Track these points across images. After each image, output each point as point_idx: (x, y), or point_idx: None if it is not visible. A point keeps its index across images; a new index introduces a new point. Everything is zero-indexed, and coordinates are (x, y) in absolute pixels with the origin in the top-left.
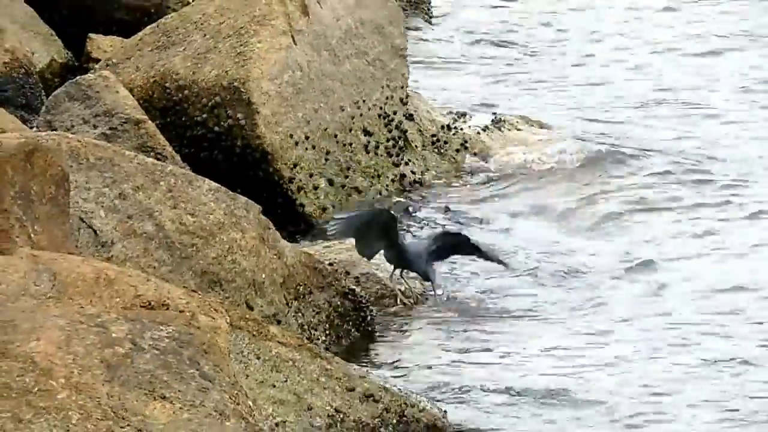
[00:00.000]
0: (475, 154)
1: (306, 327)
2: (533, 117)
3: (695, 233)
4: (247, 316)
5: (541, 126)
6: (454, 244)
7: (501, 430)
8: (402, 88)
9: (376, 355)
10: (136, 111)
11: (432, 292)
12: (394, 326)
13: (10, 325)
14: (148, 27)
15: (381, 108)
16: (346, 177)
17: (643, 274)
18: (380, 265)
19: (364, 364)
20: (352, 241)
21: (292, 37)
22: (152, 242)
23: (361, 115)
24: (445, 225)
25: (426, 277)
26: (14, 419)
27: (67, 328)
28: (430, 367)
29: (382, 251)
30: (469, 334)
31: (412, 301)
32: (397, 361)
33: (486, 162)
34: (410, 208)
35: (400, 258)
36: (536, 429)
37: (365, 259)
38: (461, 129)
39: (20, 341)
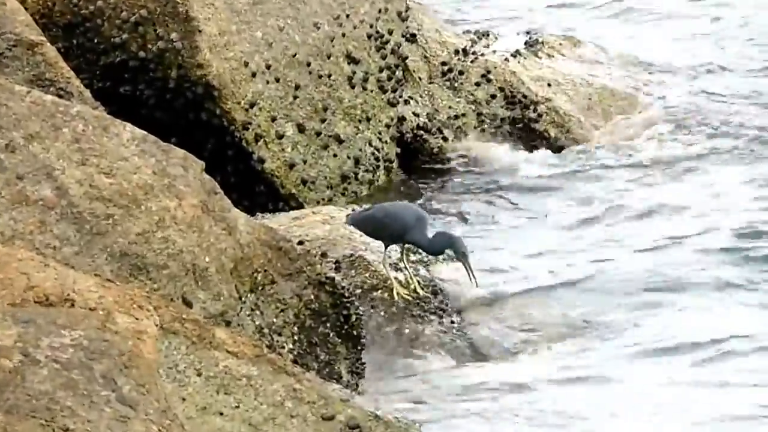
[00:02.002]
0: (501, 90)
1: (267, 330)
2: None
3: None
4: (185, 315)
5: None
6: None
7: None
8: None
9: (364, 369)
10: (30, 30)
11: (469, 276)
12: (388, 329)
13: None
14: None
15: (371, 25)
16: (323, 121)
17: None
18: (369, 244)
19: (347, 383)
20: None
21: None
22: (52, 213)
23: (343, 35)
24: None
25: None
26: None
27: None
28: (436, 387)
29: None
30: (484, 341)
31: (413, 294)
32: (391, 378)
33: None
34: None
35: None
36: None
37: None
38: (482, 54)
39: None
